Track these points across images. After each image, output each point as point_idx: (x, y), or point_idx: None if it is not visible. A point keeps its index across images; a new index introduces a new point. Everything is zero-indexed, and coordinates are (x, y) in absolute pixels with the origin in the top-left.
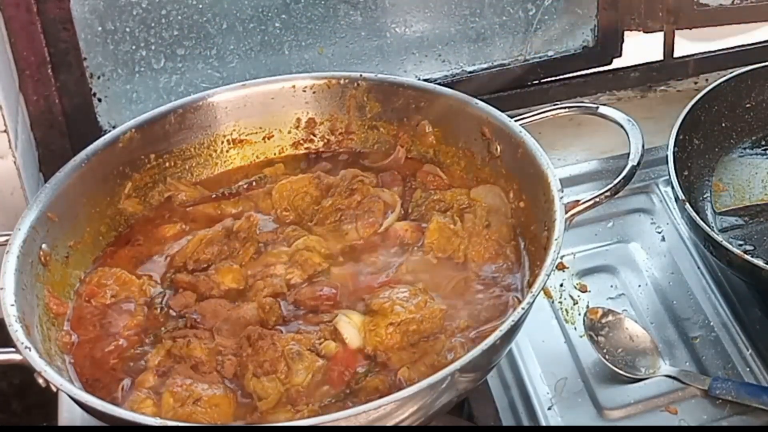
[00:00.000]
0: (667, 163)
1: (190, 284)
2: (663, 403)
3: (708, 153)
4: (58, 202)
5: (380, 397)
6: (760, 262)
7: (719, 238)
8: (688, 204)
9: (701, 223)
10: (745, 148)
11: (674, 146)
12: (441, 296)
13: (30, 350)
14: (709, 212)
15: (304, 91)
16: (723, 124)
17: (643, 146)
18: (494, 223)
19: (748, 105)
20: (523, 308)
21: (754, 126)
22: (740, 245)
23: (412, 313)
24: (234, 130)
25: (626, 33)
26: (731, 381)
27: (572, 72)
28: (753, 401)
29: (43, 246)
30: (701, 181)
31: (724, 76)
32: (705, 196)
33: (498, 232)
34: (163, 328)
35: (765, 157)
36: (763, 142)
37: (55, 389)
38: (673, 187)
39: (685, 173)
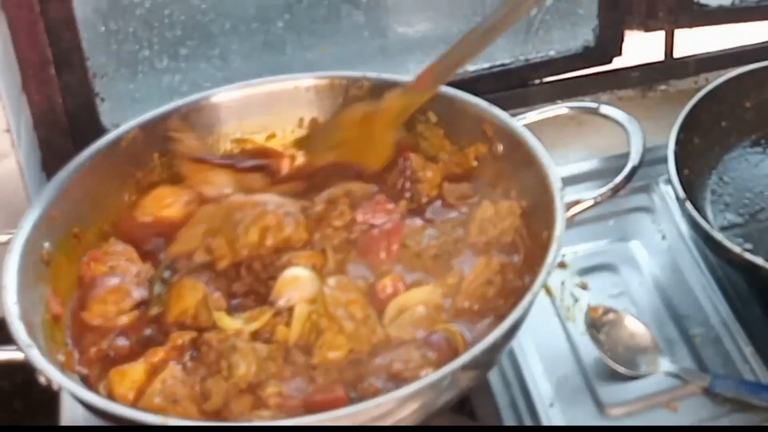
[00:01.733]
0: (667, 162)
1: None
2: (664, 400)
3: (708, 152)
4: (61, 201)
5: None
6: (760, 261)
7: (719, 236)
8: (688, 202)
9: (701, 221)
10: (745, 147)
11: (675, 145)
12: None
13: (32, 349)
14: (709, 211)
15: (307, 90)
16: (723, 124)
17: (644, 145)
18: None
19: (748, 105)
20: (524, 306)
21: (754, 125)
22: (740, 243)
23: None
24: (237, 130)
25: (627, 33)
26: (731, 378)
27: (573, 71)
28: (753, 399)
29: (46, 245)
30: (701, 180)
31: (724, 75)
32: (705, 194)
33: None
34: None
35: (765, 155)
36: (763, 141)
37: (56, 388)
38: (673, 186)
39: (686, 172)
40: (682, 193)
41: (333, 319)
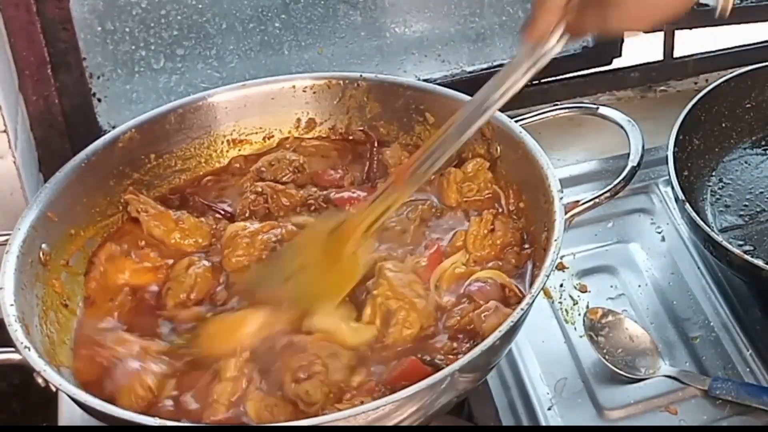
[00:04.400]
0: (667, 163)
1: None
2: (663, 403)
3: (708, 153)
4: (58, 202)
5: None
6: (760, 263)
7: (719, 238)
8: (688, 204)
9: (701, 223)
10: (745, 148)
11: (674, 146)
12: None
13: (29, 350)
14: (709, 212)
15: (304, 91)
16: (723, 124)
17: (643, 147)
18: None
19: (748, 105)
20: (522, 308)
21: (754, 126)
22: (740, 245)
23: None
24: (234, 130)
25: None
26: (731, 381)
27: (572, 72)
28: (753, 401)
29: (43, 246)
30: (701, 182)
31: (724, 76)
32: (705, 196)
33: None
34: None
35: (765, 157)
36: (763, 142)
37: (54, 389)
38: (673, 188)
39: (685, 173)
40: (681, 195)
41: (403, 298)
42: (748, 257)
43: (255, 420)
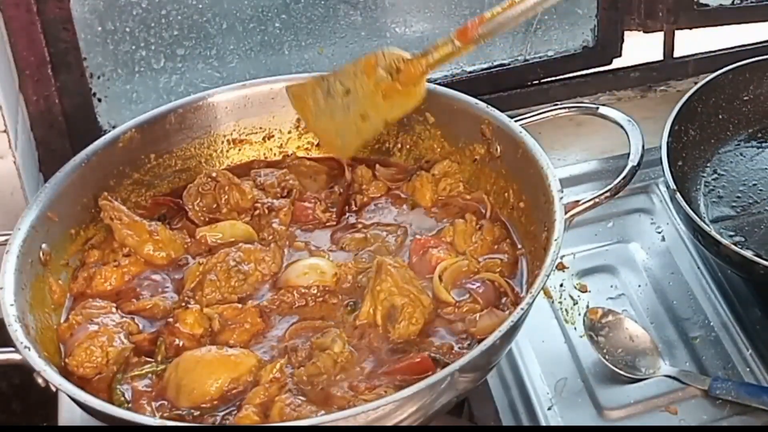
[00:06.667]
0: (660, 150)
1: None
2: (663, 403)
3: (704, 144)
4: (58, 201)
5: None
6: (749, 254)
7: (708, 228)
8: (678, 194)
9: (690, 212)
10: (741, 141)
11: (669, 136)
12: None
13: (29, 350)
14: (701, 203)
15: None
16: (720, 116)
17: (643, 146)
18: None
19: (745, 97)
20: (522, 308)
21: (751, 119)
22: (731, 236)
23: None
24: (234, 130)
25: (626, 33)
26: (731, 381)
27: (572, 72)
28: (753, 401)
29: (43, 246)
30: (695, 172)
31: (723, 68)
32: (698, 186)
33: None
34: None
35: (760, 149)
36: (759, 135)
37: (54, 389)
38: (665, 177)
39: (680, 163)
40: (672, 184)
41: (408, 294)
42: (736, 248)
43: (278, 420)
